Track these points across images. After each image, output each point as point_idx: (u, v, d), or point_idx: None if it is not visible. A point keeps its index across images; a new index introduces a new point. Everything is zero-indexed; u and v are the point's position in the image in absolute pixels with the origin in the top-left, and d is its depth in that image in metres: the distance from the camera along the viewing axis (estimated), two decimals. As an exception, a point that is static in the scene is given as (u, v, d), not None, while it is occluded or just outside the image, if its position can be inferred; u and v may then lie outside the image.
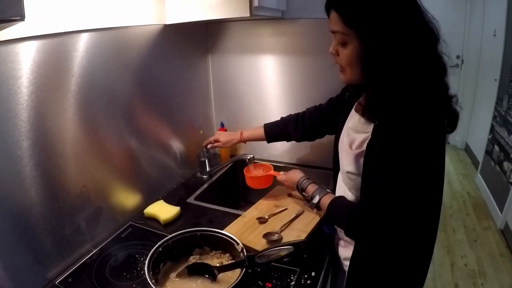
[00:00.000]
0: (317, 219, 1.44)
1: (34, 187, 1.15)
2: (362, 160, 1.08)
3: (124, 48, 1.45)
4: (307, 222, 1.43)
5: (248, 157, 1.70)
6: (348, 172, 1.18)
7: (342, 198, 1.21)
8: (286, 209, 1.53)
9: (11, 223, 1.09)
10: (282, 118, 1.66)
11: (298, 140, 1.63)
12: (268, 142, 1.67)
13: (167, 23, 1.62)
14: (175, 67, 1.77)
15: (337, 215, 1.19)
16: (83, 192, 1.33)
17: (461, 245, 3.11)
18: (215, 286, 1.10)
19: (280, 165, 2.00)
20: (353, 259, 1.17)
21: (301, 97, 1.89)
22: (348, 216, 1.09)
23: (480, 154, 4.15)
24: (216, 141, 1.76)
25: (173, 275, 1.14)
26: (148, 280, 1.01)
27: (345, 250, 1.29)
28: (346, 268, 1.22)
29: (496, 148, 3.57)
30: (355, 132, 1.16)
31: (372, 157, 1.04)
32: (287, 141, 1.67)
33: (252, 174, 1.68)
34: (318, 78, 1.82)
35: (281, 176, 1.54)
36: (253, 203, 1.60)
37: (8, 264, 1.08)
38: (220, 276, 1.12)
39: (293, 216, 1.46)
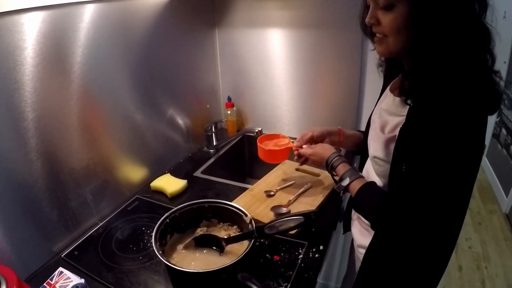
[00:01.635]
0: (325, 192, 1.42)
1: (40, 160, 1.13)
2: (393, 146, 0.96)
3: (130, 20, 1.42)
4: (315, 196, 1.42)
5: (256, 130, 1.68)
6: (375, 157, 1.07)
7: (373, 185, 1.09)
8: (294, 183, 1.51)
9: (17, 196, 1.08)
10: None
11: None
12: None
13: (173, -5, 1.58)
14: (182, 41, 1.74)
15: (365, 204, 1.09)
16: (89, 165, 1.31)
17: (466, 227, 3.09)
18: (222, 257, 1.09)
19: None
20: (370, 249, 1.07)
21: (309, 72, 1.85)
22: (378, 210, 1.00)
23: (487, 137, 4.11)
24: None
25: (180, 246, 1.13)
26: (156, 251, 1.01)
27: (362, 238, 1.19)
28: (360, 256, 1.15)
29: (504, 131, 3.52)
30: (388, 114, 1.04)
31: (404, 144, 0.92)
32: None
33: (270, 147, 1.52)
34: (326, 52, 1.78)
35: (306, 149, 1.33)
36: (260, 177, 1.59)
37: (14, 238, 1.08)
38: (228, 248, 1.11)
39: (301, 190, 1.45)
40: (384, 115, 1.06)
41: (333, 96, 1.85)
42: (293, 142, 1.42)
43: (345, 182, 1.14)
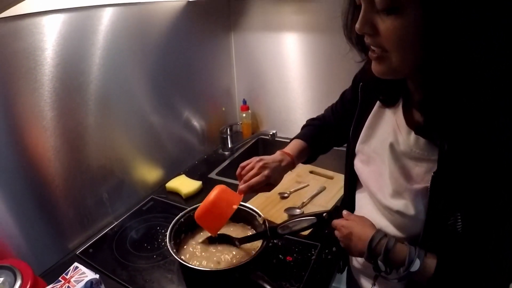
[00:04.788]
0: (339, 195, 1.42)
1: (58, 158, 1.16)
2: (422, 198, 0.77)
3: (147, 24, 1.44)
4: (329, 199, 1.42)
5: (271, 133, 1.68)
6: (400, 212, 0.82)
7: (455, 256, 0.77)
8: (307, 185, 1.51)
9: (34, 193, 1.11)
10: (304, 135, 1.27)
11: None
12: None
13: (190, -1, 1.60)
14: (198, 44, 1.76)
15: (462, 277, 0.77)
16: (106, 164, 1.34)
17: None
18: (236, 256, 1.08)
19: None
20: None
21: (325, 75, 1.84)
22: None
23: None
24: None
25: (193, 245, 1.13)
26: (169, 249, 1.01)
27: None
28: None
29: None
30: (410, 159, 0.80)
31: (442, 195, 0.72)
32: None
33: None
34: (341, 57, 1.74)
35: (339, 220, 0.95)
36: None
37: (30, 234, 1.10)
38: (241, 247, 1.11)
39: (314, 193, 1.44)
40: (404, 160, 0.82)
41: (348, 100, 1.83)
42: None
43: (416, 265, 0.77)
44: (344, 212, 0.96)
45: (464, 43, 0.58)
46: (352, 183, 1.05)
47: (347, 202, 1.09)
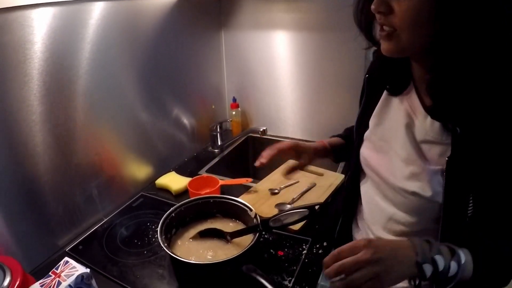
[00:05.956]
0: (329, 191, 1.43)
1: (47, 153, 1.15)
2: (437, 179, 0.77)
3: (138, 19, 1.44)
4: (320, 195, 1.42)
5: (261, 130, 1.69)
6: (412, 193, 0.81)
7: (487, 243, 0.75)
8: (298, 182, 1.51)
9: (23, 189, 1.09)
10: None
11: None
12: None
13: (181, -4, 1.60)
14: (188, 41, 1.75)
15: (497, 270, 0.75)
16: (95, 160, 1.33)
17: None
18: (227, 250, 1.09)
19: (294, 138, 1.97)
20: None
21: (314, 74, 1.86)
22: None
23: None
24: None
25: (184, 240, 1.14)
26: (161, 243, 1.01)
27: None
28: None
29: None
30: (426, 143, 0.81)
31: (462, 180, 0.73)
32: None
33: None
34: (332, 55, 1.79)
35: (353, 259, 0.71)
36: (264, 177, 1.59)
37: (19, 231, 1.09)
38: (233, 241, 1.11)
39: (305, 189, 1.45)
40: (419, 142, 0.82)
41: (337, 98, 1.85)
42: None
43: (463, 257, 0.70)
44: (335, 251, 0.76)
45: (479, 19, 0.60)
46: (357, 175, 1.06)
47: (351, 195, 1.10)
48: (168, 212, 1.12)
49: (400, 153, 0.85)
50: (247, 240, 1.08)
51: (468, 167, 0.71)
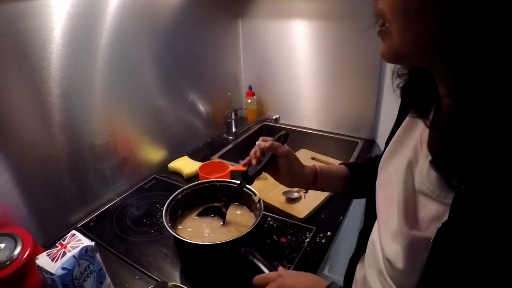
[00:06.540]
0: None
1: (63, 134, 1.19)
2: (421, 252, 0.55)
3: (155, 7, 1.46)
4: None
5: (274, 117, 1.69)
6: (389, 260, 0.63)
7: None
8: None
9: (39, 166, 1.15)
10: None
11: None
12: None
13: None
14: (205, 29, 1.77)
15: None
16: (110, 142, 1.37)
17: None
18: (229, 232, 1.11)
19: (308, 131, 1.98)
20: None
21: (331, 64, 1.84)
22: None
23: None
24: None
25: (190, 220, 1.17)
26: (165, 223, 1.03)
27: None
28: None
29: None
30: (422, 194, 0.59)
31: (452, 259, 0.50)
32: None
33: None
34: (350, 45, 1.77)
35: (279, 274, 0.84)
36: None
37: (34, 205, 1.14)
38: (237, 221, 1.14)
39: (314, 178, 1.45)
40: (414, 193, 0.61)
41: (354, 90, 1.83)
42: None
43: None
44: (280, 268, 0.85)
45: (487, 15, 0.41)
46: (372, 208, 0.80)
47: (364, 232, 0.86)
48: (174, 194, 1.15)
49: (397, 199, 0.64)
50: (250, 220, 1.11)
51: (466, 245, 0.49)
